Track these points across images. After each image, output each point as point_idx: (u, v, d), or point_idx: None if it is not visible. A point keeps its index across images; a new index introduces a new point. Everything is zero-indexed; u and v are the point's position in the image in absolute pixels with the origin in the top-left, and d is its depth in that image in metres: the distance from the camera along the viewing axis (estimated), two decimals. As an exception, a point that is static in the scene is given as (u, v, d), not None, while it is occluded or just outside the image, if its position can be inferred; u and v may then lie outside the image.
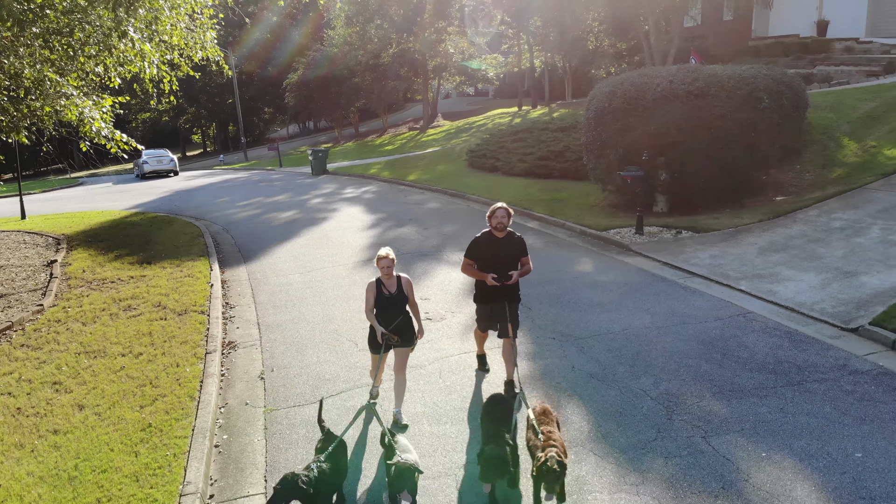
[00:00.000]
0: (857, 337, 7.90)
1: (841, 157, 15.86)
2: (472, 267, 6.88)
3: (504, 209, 6.78)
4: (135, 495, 5.24)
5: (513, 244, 6.85)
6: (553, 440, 4.89)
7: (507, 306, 6.77)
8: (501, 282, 6.66)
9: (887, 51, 26.63)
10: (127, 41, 8.49)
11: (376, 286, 6.46)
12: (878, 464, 5.30)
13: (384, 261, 6.39)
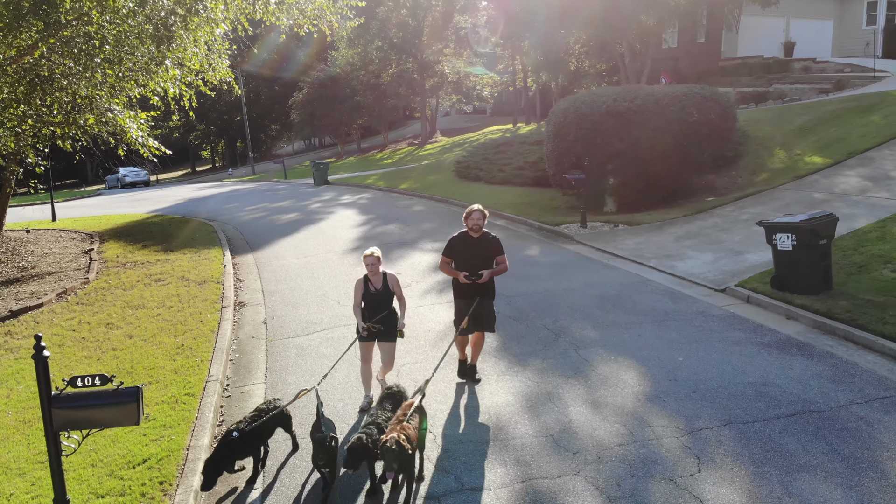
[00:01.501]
0: (724, 295, 10.28)
1: (769, 164, 18.28)
2: (448, 265, 7.21)
3: (479, 211, 7.12)
4: (174, 381, 7.66)
5: (488, 244, 7.17)
6: (403, 428, 5.06)
7: (482, 302, 7.13)
8: (472, 280, 6.97)
9: (840, 70, 29.16)
10: (163, 68, 11.04)
11: (364, 283, 6.88)
12: (690, 363, 7.67)
13: (369, 258, 6.79)
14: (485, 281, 7.06)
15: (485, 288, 7.17)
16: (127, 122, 12.47)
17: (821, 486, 5.18)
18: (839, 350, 7.88)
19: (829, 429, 6.03)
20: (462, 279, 7.01)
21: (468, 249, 7.12)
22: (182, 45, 10.99)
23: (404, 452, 4.80)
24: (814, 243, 9.33)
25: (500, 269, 7.22)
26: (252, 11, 11.69)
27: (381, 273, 6.90)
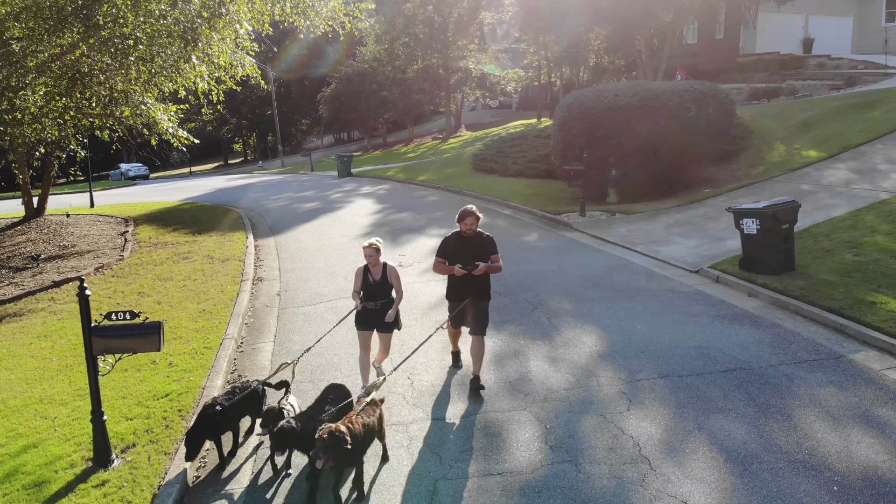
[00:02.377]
0: (697, 275, 11.17)
1: (768, 158, 18.96)
2: (442, 265, 7.10)
3: (473, 214, 6.99)
4: (195, 337, 8.83)
5: (482, 243, 7.07)
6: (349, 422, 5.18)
7: (476, 303, 7.08)
8: (468, 270, 6.85)
9: (854, 66, 29.48)
10: (191, 65, 12.24)
11: (363, 272, 6.98)
12: (647, 330, 8.61)
13: (367, 249, 6.88)
14: (480, 273, 6.89)
15: (479, 287, 7.08)
16: (158, 114, 13.70)
17: (729, 423, 6.12)
18: (786, 322, 8.75)
19: (753, 382, 6.94)
20: (457, 271, 6.88)
21: (462, 249, 7.00)
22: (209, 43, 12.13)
23: (337, 443, 4.92)
24: (776, 227, 10.17)
25: (495, 267, 7.06)
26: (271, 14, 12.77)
27: (381, 264, 6.96)
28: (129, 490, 5.25)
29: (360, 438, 5.18)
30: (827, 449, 5.62)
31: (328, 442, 4.90)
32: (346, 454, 5.03)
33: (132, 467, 5.61)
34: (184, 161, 53.80)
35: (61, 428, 6.40)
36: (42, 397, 7.19)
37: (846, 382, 6.88)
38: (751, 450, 5.64)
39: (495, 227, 15.86)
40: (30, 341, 9.16)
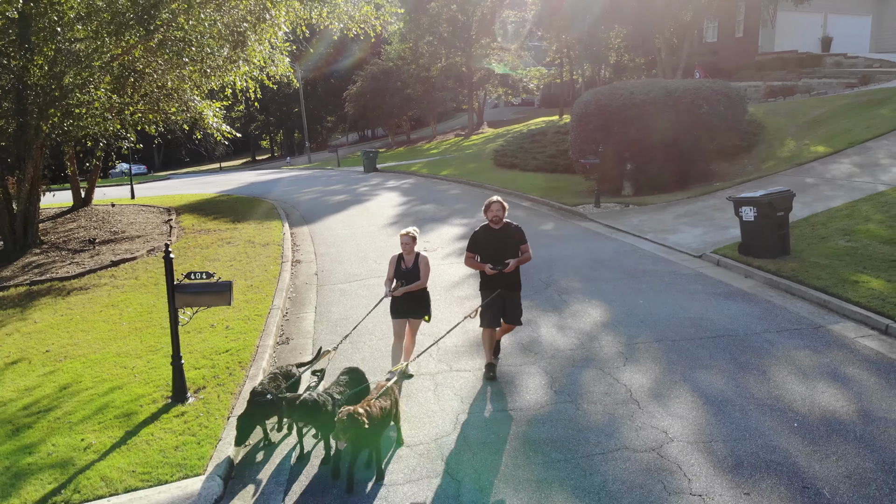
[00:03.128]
0: (700, 260, 12.09)
1: (778, 153, 19.73)
2: (472, 259, 7.26)
3: (499, 202, 7.13)
4: (246, 307, 9.97)
5: (511, 234, 7.15)
6: (368, 405, 5.36)
7: (509, 295, 7.21)
8: (499, 269, 6.98)
9: (870, 65, 29.98)
10: (236, 66, 13.40)
11: (397, 260, 7.25)
12: (648, 304, 9.57)
13: (404, 237, 7.14)
14: (511, 270, 7.01)
15: (511, 280, 7.14)
16: (205, 110, 14.89)
17: (710, 377, 7.09)
18: (776, 299, 9.67)
19: (737, 346, 7.90)
20: (488, 271, 6.99)
21: (491, 241, 7.11)
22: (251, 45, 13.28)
23: (356, 425, 5.09)
24: (772, 215, 11.06)
25: (524, 259, 7.18)
26: (309, 17, 13.89)
27: (415, 252, 7.22)
28: (205, 419, 6.36)
29: (378, 421, 5.34)
30: (793, 396, 6.57)
31: (347, 423, 5.07)
32: (363, 435, 5.17)
33: (205, 403, 6.73)
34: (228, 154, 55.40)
35: (139, 375, 7.56)
36: (119, 352, 8.36)
37: (821, 347, 7.80)
38: (726, 396, 6.61)
39: (514, 217, 16.67)
40: (99, 309, 10.38)
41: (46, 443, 6.08)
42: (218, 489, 5.32)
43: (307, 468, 5.71)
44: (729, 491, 5.06)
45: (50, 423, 6.48)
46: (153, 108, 15.45)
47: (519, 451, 5.75)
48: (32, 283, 12.12)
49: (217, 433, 6.10)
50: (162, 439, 6.01)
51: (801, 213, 13.53)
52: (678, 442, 5.77)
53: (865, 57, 31.36)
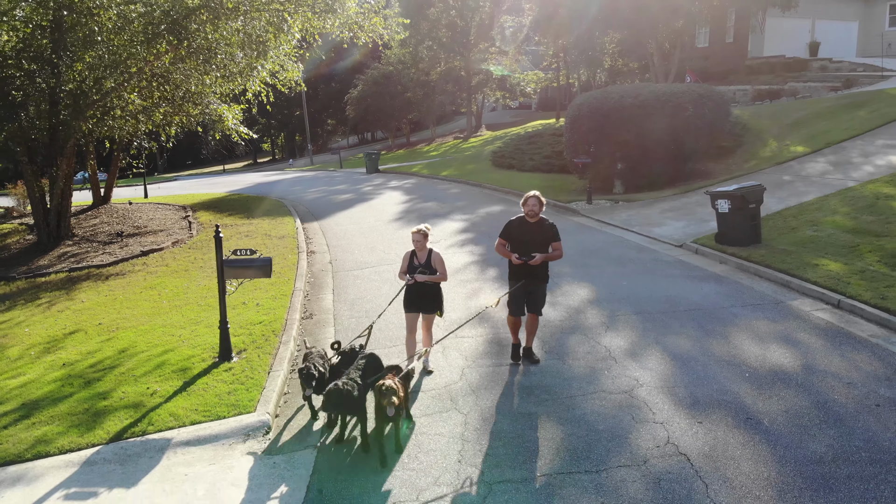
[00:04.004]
0: (680, 249, 13.27)
1: (761, 153, 20.93)
2: (503, 247, 7.51)
3: (536, 198, 7.36)
4: (271, 289, 11.13)
5: (543, 230, 7.41)
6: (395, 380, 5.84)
7: (535, 286, 7.46)
8: (524, 260, 7.21)
9: (853, 69, 31.21)
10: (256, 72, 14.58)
11: (410, 256, 7.43)
12: (630, 285, 10.73)
13: (416, 235, 7.32)
14: (536, 263, 7.23)
15: (538, 272, 7.38)
16: (224, 112, 16.05)
17: (679, 340, 8.26)
18: (745, 280, 10.85)
19: (705, 317, 9.07)
20: (514, 260, 7.27)
21: (524, 233, 7.35)
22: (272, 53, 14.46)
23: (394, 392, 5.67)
24: (744, 207, 12.24)
25: (554, 255, 7.45)
26: (322, 27, 15.06)
27: (427, 249, 7.38)
28: (249, 372, 7.52)
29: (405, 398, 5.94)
30: (748, 354, 7.74)
31: (387, 391, 5.60)
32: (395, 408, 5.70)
33: (247, 361, 7.89)
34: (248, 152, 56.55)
35: (187, 341, 8.71)
36: (164, 324, 9.52)
37: (778, 318, 8.98)
38: (691, 354, 7.78)
39: (512, 213, 17.90)
40: (139, 291, 11.54)
41: (117, 391, 7.23)
42: (268, 421, 6.48)
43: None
44: (685, 420, 6.23)
45: (116, 376, 7.63)
46: (177, 110, 16.60)
47: (514, 394, 6.93)
48: (71, 269, 13.28)
49: (261, 383, 7.25)
50: (215, 387, 7.17)
51: (776, 206, 14.73)
52: (646, 387, 6.94)
53: (850, 61, 32.59)
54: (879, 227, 12.43)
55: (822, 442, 5.80)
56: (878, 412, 6.31)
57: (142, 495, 5.38)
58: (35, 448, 6.06)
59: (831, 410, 6.34)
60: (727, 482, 5.24)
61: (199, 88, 15.03)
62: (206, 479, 5.60)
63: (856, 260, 10.89)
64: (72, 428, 6.40)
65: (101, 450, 6.05)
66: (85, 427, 6.41)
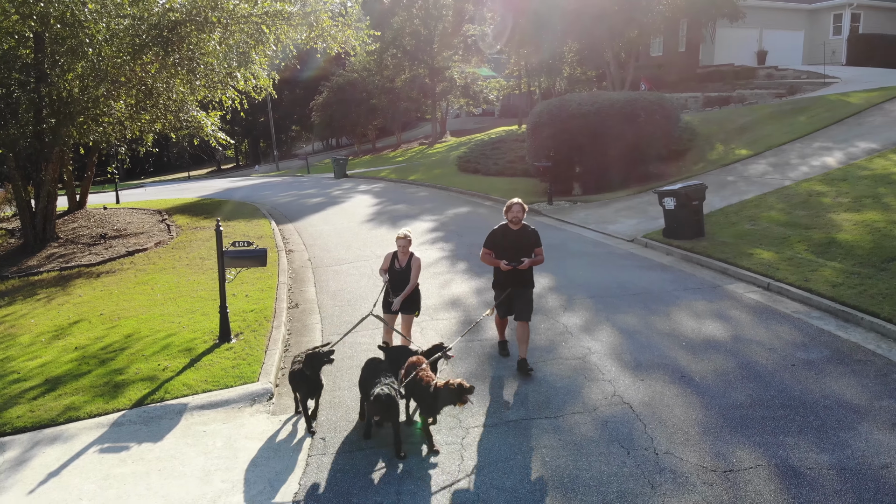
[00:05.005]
0: (632, 243, 14.49)
1: (709, 156, 22.39)
2: (489, 255, 7.60)
3: (520, 205, 7.53)
4: (257, 283, 11.99)
5: (527, 236, 7.61)
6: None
7: (521, 292, 7.57)
8: (513, 266, 7.36)
9: (798, 76, 33.12)
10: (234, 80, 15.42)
11: (392, 258, 7.57)
12: (586, 275, 11.87)
13: (401, 240, 7.43)
14: (525, 268, 7.45)
15: (523, 277, 7.56)
16: (203, 119, 16.85)
17: (627, 317, 9.40)
18: (688, 269, 12.08)
19: (651, 299, 10.24)
20: (503, 266, 7.40)
21: (508, 241, 7.53)
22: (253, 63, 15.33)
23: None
24: (688, 203, 13.51)
25: (538, 260, 7.62)
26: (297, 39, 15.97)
27: (409, 253, 7.56)
28: (249, 350, 8.43)
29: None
30: (686, 328, 8.91)
31: (468, 389, 5.93)
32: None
33: (245, 342, 8.79)
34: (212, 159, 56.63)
35: (187, 327, 9.57)
36: (162, 313, 10.34)
37: (714, 298, 10.20)
38: (636, 328, 8.93)
39: (479, 214, 19.15)
40: (133, 286, 12.30)
41: (131, 368, 8.07)
42: (270, 389, 7.42)
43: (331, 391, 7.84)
44: (629, 379, 7.35)
45: (128, 356, 8.47)
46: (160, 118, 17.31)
47: (482, 361, 7.99)
48: (62, 269, 13.94)
49: (260, 359, 8.18)
50: (220, 363, 8.06)
51: (719, 204, 16.07)
52: (597, 354, 8.05)
53: (795, 69, 34.54)
54: (809, 220, 13.80)
55: (743, 393, 6.96)
56: (793, 371, 7.50)
57: (168, 447, 6.28)
58: (66, 414, 6.90)
59: (753, 370, 7.52)
60: (662, 422, 6.35)
61: (180, 96, 15.78)
62: (222, 434, 6.51)
63: (786, 249, 12.20)
64: (96, 397, 7.25)
65: (125, 413, 6.92)
66: (108, 396, 7.26)
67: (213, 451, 6.17)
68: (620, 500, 5.15)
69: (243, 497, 5.42)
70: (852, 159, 17.53)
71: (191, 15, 13.17)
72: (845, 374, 7.37)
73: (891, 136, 18.85)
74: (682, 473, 5.49)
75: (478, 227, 17.04)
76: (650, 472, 5.53)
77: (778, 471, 5.50)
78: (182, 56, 13.97)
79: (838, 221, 13.03)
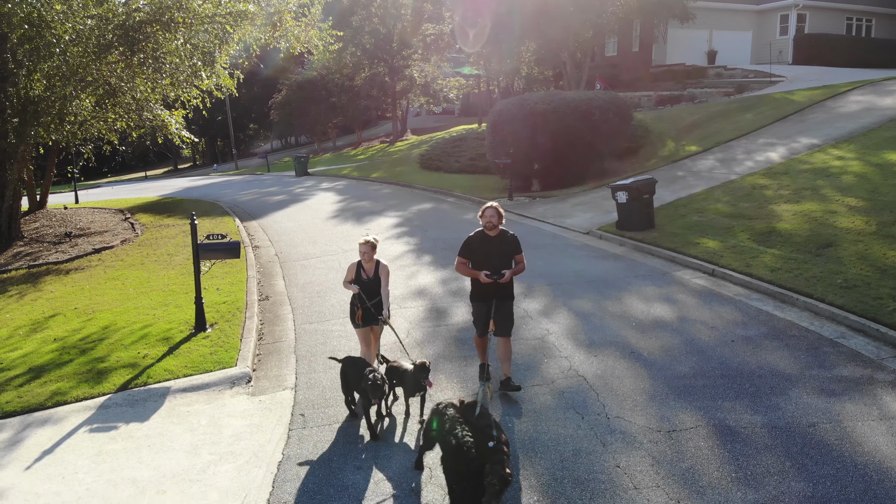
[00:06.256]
0: (587, 235, 15.20)
1: (660, 153, 23.33)
2: (465, 265, 6.92)
3: (494, 209, 6.91)
4: (227, 277, 12.33)
5: (506, 242, 6.99)
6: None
7: (500, 304, 6.96)
8: (494, 279, 6.73)
9: (746, 75, 34.45)
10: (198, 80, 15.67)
11: (357, 267, 7.03)
12: (545, 265, 12.50)
13: (363, 246, 6.93)
14: (506, 280, 6.87)
15: (504, 289, 6.99)
16: (167, 118, 17.04)
17: (582, 302, 10.05)
18: (639, 258, 12.82)
19: (604, 285, 10.91)
20: (483, 278, 6.76)
21: (486, 249, 6.92)
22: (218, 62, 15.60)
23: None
24: (639, 197, 14.26)
25: (519, 269, 7.08)
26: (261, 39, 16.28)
27: (374, 261, 7.02)
28: (225, 338, 8.82)
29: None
30: (636, 311, 9.59)
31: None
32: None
33: (220, 331, 9.17)
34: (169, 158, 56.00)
35: (162, 318, 9.89)
36: (136, 307, 10.63)
37: (663, 284, 10.92)
38: (590, 311, 9.58)
39: (441, 210, 19.70)
40: (104, 281, 12.52)
41: (112, 356, 8.40)
42: (248, 373, 7.84)
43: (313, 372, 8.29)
44: (584, 355, 7.98)
45: (107, 346, 8.78)
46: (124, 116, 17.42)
47: (450, 344, 8.54)
48: (30, 266, 14.05)
49: (236, 346, 8.58)
50: (198, 350, 8.45)
51: (669, 198, 16.90)
52: (555, 335, 8.67)
53: (742, 68, 35.90)
54: (752, 211, 14.68)
55: (687, 365, 7.64)
56: (732, 346, 8.22)
57: (155, 426, 6.67)
58: (53, 398, 7.22)
59: (696, 346, 8.22)
60: (613, 392, 6.98)
61: (144, 95, 15.96)
62: (205, 413, 6.92)
63: (730, 238, 13.02)
64: (81, 383, 7.58)
65: (111, 397, 7.27)
66: (93, 382, 7.60)
67: (199, 429, 6.59)
68: (576, 457, 5.75)
69: (232, 466, 5.86)
70: (794, 154, 18.54)
71: (156, 15, 13.41)
72: (780, 348, 8.11)
73: (831, 132, 19.95)
74: (631, 434, 6.12)
75: (441, 223, 17.60)
76: (602, 433, 6.15)
77: (716, 430, 6.17)
78: (147, 56, 14.19)
79: (779, 212, 13.91)
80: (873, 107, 22.04)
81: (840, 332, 8.58)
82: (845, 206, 13.30)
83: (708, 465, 5.60)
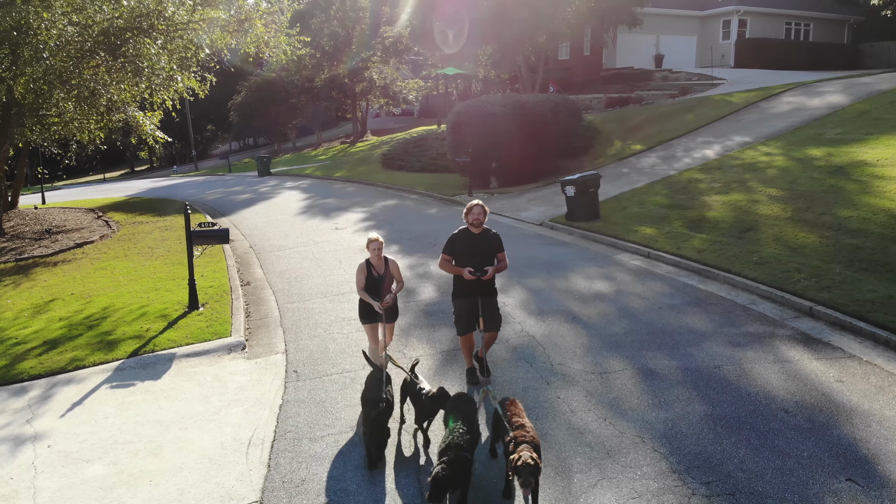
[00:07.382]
0: (540, 227, 16.61)
1: (608, 152, 24.94)
2: (449, 262, 7.07)
3: (480, 206, 7.04)
4: (209, 266, 13.34)
5: (489, 240, 7.17)
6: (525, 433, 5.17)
7: (485, 300, 7.05)
8: (477, 276, 6.84)
9: (690, 79, 36.44)
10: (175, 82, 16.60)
11: (366, 267, 7.06)
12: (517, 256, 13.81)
13: (374, 243, 6.97)
14: (489, 278, 6.99)
15: (488, 286, 7.11)
16: (141, 119, 17.90)
17: (534, 280, 11.40)
18: (585, 245, 14.25)
19: (554, 267, 12.29)
20: (467, 275, 6.87)
21: (470, 246, 7.07)
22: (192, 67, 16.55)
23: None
24: (586, 190, 15.72)
25: (501, 266, 7.23)
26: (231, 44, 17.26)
27: (383, 258, 7.15)
28: (218, 314, 9.91)
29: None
30: (580, 287, 10.98)
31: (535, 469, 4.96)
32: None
33: (212, 309, 10.26)
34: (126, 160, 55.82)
35: (156, 300, 10.92)
36: (130, 291, 11.61)
37: (604, 264, 12.35)
38: (541, 288, 10.94)
39: (405, 206, 20.92)
40: (93, 271, 13.41)
41: (117, 330, 9.43)
42: (243, 341, 8.98)
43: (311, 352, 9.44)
44: (534, 321, 9.32)
45: (111, 323, 9.79)
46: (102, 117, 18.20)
47: (419, 315, 9.80)
48: (17, 260, 14.81)
49: (228, 321, 9.69)
50: (195, 324, 9.53)
51: (614, 192, 18.43)
52: (510, 306, 10.01)
53: (687, 72, 37.94)
54: (687, 202, 16.27)
55: (619, 326, 9.03)
56: (659, 311, 9.65)
57: (167, 382, 7.77)
58: (73, 364, 8.25)
59: (628, 312, 9.63)
60: (557, 347, 8.33)
61: (121, 97, 16.80)
62: (210, 373, 8.05)
63: (665, 226, 14.56)
64: (95, 351, 8.61)
65: (125, 361, 8.33)
66: (105, 350, 8.64)
67: (206, 384, 7.71)
68: (525, 392, 7.08)
69: (240, 409, 7.01)
70: (727, 151, 20.28)
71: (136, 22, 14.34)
72: (699, 312, 9.57)
73: (762, 131, 21.78)
74: (570, 375, 7.47)
75: (406, 217, 18.83)
76: (547, 375, 7.49)
77: (639, 371, 7.56)
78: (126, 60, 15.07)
79: (710, 202, 15.52)
80: (802, 107, 24.00)
81: (751, 300, 10.09)
82: (767, 196, 14.96)
83: (630, 396, 6.98)
